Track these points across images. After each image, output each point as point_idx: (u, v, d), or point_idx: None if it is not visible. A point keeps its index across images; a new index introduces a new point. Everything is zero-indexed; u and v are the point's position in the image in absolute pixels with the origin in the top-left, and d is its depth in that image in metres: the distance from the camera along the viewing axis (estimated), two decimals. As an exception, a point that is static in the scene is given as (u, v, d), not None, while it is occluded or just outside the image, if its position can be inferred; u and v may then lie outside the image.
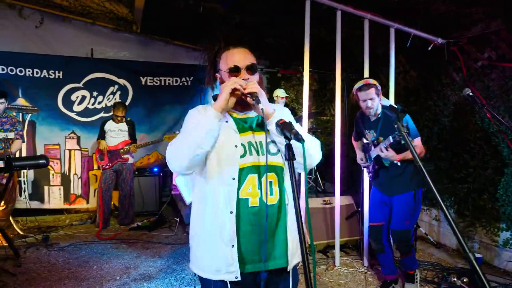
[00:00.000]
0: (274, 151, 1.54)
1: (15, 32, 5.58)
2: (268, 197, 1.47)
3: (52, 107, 5.52)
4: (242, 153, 1.50)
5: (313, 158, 1.56)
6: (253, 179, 1.48)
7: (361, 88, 2.97)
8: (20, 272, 3.63)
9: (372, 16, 3.57)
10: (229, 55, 1.53)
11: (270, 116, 1.45)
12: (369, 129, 3.14)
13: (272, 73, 7.00)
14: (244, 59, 1.51)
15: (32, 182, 5.50)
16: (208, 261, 1.50)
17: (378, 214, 3.20)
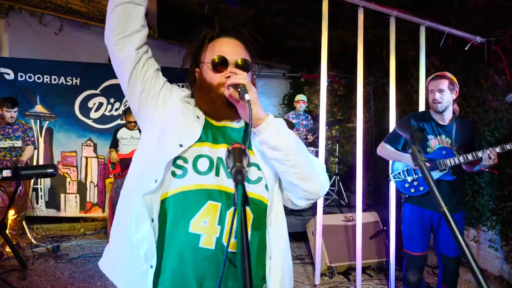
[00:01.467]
0: (254, 177, 1.11)
1: (35, 39, 5.57)
2: (232, 240, 1.02)
3: (69, 114, 5.45)
4: (205, 169, 1.08)
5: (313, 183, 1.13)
6: (212, 209, 1.04)
7: (433, 77, 2.60)
8: (23, 286, 3.50)
9: (399, 13, 3.19)
10: (216, 45, 1.17)
11: (262, 121, 1.07)
12: (434, 135, 2.63)
13: (295, 78, 6.69)
14: (235, 52, 1.15)
15: (49, 190, 5.44)
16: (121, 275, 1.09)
17: (422, 242, 2.67)
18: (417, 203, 2.69)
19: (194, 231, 1.02)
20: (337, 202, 5.02)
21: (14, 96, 4.95)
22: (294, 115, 5.72)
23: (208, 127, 1.17)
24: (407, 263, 2.76)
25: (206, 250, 1.01)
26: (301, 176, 1.09)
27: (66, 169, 5.51)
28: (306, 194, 1.13)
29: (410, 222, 2.73)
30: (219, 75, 1.13)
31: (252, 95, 1.05)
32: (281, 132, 1.09)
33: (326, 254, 3.56)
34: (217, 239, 1.02)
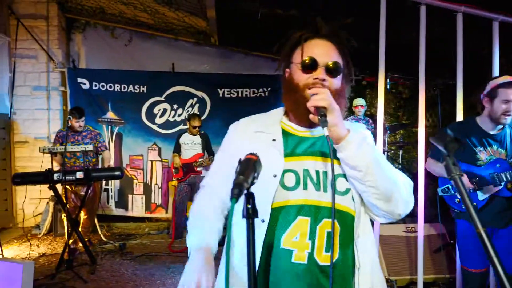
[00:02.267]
0: (342, 189, 1.08)
1: (108, 51, 6.05)
2: (322, 254, 1.03)
3: (137, 119, 5.81)
4: (292, 184, 1.07)
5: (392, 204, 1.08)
6: (302, 224, 1.03)
7: (504, 84, 2.30)
8: (91, 280, 3.77)
9: (467, 9, 2.94)
10: (308, 46, 1.12)
11: (342, 139, 1.03)
12: (483, 146, 2.40)
13: (357, 81, 6.46)
14: (327, 54, 1.10)
15: (118, 191, 5.84)
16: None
17: (479, 257, 2.44)
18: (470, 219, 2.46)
19: (285, 246, 1.03)
20: (399, 211, 4.75)
21: (88, 104, 5.42)
22: (353, 120, 5.53)
23: (289, 138, 1.16)
24: (466, 281, 2.56)
25: (298, 265, 1.02)
26: (380, 197, 1.05)
27: (133, 171, 5.87)
28: (384, 214, 1.10)
29: (465, 237, 2.53)
30: (307, 76, 1.11)
31: (331, 118, 1.02)
32: (360, 151, 1.04)
33: (385, 266, 3.37)
34: (309, 254, 1.03)
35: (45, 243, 4.97)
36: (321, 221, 1.04)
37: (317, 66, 1.09)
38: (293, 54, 1.17)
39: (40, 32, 5.70)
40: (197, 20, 5.45)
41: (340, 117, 1.05)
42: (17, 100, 5.72)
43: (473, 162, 2.43)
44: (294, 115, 1.18)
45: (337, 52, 1.14)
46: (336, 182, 1.07)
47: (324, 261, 1.03)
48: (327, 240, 1.04)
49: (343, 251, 1.07)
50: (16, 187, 5.71)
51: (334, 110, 1.02)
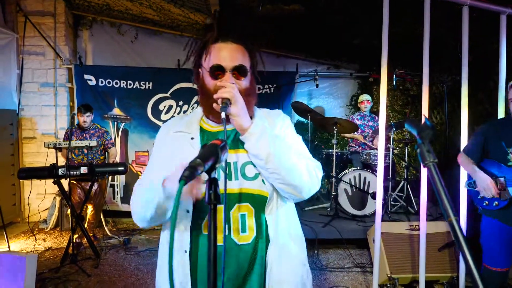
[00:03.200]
0: (251, 175, 1.20)
1: (114, 47, 6.08)
2: (239, 235, 1.16)
3: (142, 116, 5.83)
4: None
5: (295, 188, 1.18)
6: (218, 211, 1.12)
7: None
8: (95, 274, 3.80)
9: (473, 2, 2.87)
10: (214, 50, 1.20)
11: (244, 131, 1.14)
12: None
13: (363, 78, 6.40)
14: (232, 58, 1.18)
15: (124, 186, 5.87)
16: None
17: (503, 256, 2.46)
18: (495, 216, 2.46)
19: (205, 232, 1.18)
20: (405, 210, 4.69)
21: (94, 101, 5.46)
22: (359, 116, 5.48)
23: (205, 135, 1.27)
24: (487, 279, 2.51)
25: (219, 246, 1.08)
26: (282, 181, 1.16)
27: (139, 167, 5.90)
28: (289, 195, 1.21)
29: (489, 235, 2.52)
30: (216, 81, 1.18)
31: (234, 108, 1.10)
32: (260, 142, 1.13)
33: (387, 264, 3.33)
34: (226, 236, 1.15)
35: (51, 237, 5.03)
36: (234, 206, 1.16)
37: (224, 71, 1.18)
38: (201, 58, 1.24)
39: (48, 29, 5.75)
40: (202, 17, 5.44)
41: (243, 109, 1.12)
42: (25, 97, 5.78)
43: (503, 161, 2.44)
44: (210, 116, 1.28)
45: (243, 53, 1.21)
46: (245, 169, 1.20)
47: (242, 240, 1.16)
48: (241, 221, 1.17)
49: (259, 229, 1.19)
50: (24, 183, 5.78)
51: (237, 102, 1.11)
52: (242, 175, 1.19)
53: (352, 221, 4.43)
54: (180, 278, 1.17)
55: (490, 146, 2.52)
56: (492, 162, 2.50)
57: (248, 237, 1.18)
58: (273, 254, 1.19)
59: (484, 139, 2.54)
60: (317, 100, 6.55)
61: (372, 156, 4.82)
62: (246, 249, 1.17)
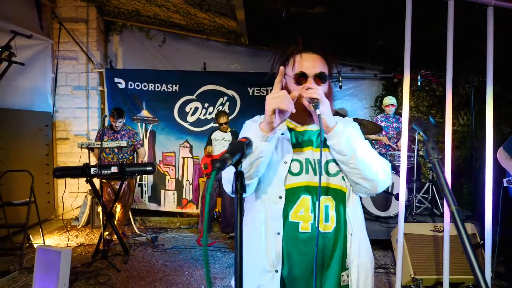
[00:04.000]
0: (333, 171, 1.35)
1: (143, 51, 6.30)
2: (323, 224, 1.30)
3: (169, 118, 6.00)
4: (297, 170, 1.34)
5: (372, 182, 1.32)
6: (305, 201, 1.31)
7: None
8: (124, 269, 3.96)
9: (498, 2, 2.84)
10: (298, 61, 1.34)
11: (331, 130, 1.27)
12: None
13: (388, 79, 6.35)
14: (314, 66, 1.32)
15: (151, 186, 6.06)
16: (250, 285, 1.33)
17: None
18: None
19: (293, 220, 1.31)
20: (430, 211, 4.64)
21: (124, 103, 5.67)
22: (383, 118, 5.45)
23: (292, 133, 1.42)
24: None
25: (304, 234, 1.29)
26: (361, 176, 1.29)
27: (166, 168, 6.07)
28: (366, 190, 1.34)
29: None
30: (300, 87, 1.31)
31: (323, 108, 1.23)
32: (346, 140, 1.26)
33: (410, 265, 3.32)
34: (312, 224, 1.29)
35: (83, 234, 5.26)
36: (320, 198, 1.26)
37: (307, 77, 1.31)
38: (286, 66, 1.37)
39: (81, 35, 6.02)
40: (227, 21, 5.56)
41: (329, 109, 1.26)
42: (59, 99, 6.07)
43: None
44: (295, 119, 1.42)
45: (323, 63, 1.35)
46: (328, 166, 1.35)
47: (325, 229, 1.30)
48: (325, 212, 1.30)
49: (338, 220, 1.32)
50: (57, 182, 6.06)
51: (325, 102, 1.24)
52: (326, 171, 1.34)
53: (376, 222, 4.42)
54: (272, 258, 1.29)
55: None
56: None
57: (329, 227, 1.31)
58: (354, 242, 1.33)
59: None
60: (341, 102, 6.55)
61: (396, 157, 4.79)
62: (328, 237, 1.31)
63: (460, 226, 0.79)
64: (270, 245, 1.30)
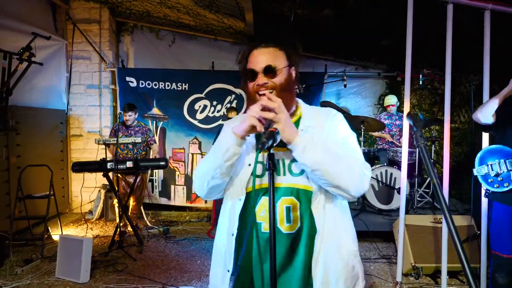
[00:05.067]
0: (296, 171, 1.31)
1: (153, 51, 6.52)
2: (284, 224, 1.28)
3: (179, 115, 6.22)
4: (260, 172, 1.33)
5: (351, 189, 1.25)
6: (265, 202, 1.27)
7: None
8: (139, 258, 4.19)
9: (495, 6, 3.03)
10: (250, 58, 1.34)
11: (290, 143, 1.22)
12: None
13: (391, 78, 6.54)
14: (261, 61, 1.30)
15: (162, 181, 6.29)
16: (211, 278, 1.44)
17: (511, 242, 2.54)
18: (505, 201, 2.57)
19: (258, 220, 1.31)
20: (431, 205, 4.83)
21: (135, 101, 5.89)
22: (386, 116, 5.64)
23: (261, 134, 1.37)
24: (496, 265, 2.64)
25: (265, 233, 1.29)
26: (328, 185, 1.24)
27: (176, 163, 6.29)
28: (337, 195, 1.29)
29: (499, 221, 2.61)
30: (253, 83, 1.32)
31: (279, 125, 1.18)
32: (307, 152, 1.21)
33: (411, 254, 3.52)
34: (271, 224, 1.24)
35: (97, 227, 5.49)
36: (279, 199, 1.28)
37: (256, 74, 1.30)
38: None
39: (93, 35, 6.24)
40: (235, 22, 5.75)
41: (287, 122, 1.20)
42: (73, 98, 6.30)
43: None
44: None
45: (275, 55, 1.31)
46: (291, 166, 1.31)
47: (287, 229, 1.28)
48: (286, 213, 1.28)
49: (305, 220, 1.29)
50: (72, 177, 6.30)
51: (280, 119, 1.18)
52: (289, 171, 1.31)
53: (379, 215, 4.63)
54: (225, 258, 1.35)
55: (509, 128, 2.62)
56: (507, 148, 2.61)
57: (292, 227, 1.28)
58: (320, 243, 1.27)
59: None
60: (345, 100, 6.74)
61: (399, 153, 4.98)
62: (291, 237, 1.29)
63: (440, 196, 0.98)
64: (224, 246, 1.34)
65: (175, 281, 3.62)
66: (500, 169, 2.59)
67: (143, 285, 3.49)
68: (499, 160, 2.61)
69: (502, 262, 2.59)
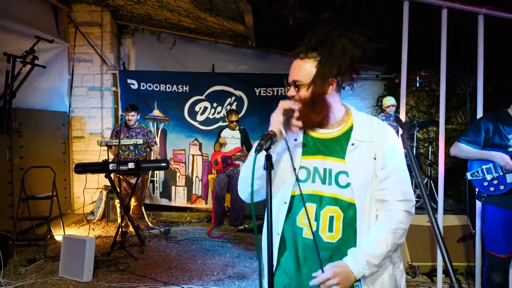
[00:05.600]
0: (343, 183, 1.32)
1: (154, 54, 6.60)
2: (326, 233, 1.31)
3: (180, 117, 6.29)
4: (304, 178, 1.36)
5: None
6: (310, 209, 1.32)
7: None
8: (141, 258, 4.26)
9: (488, 11, 3.10)
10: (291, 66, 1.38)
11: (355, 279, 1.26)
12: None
13: (389, 79, 6.61)
14: (291, 74, 1.34)
15: (163, 182, 6.36)
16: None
17: (507, 243, 2.62)
18: (500, 204, 2.64)
19: (299, 225, 1.36)
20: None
21: (136, 103, 5.96)
22: (384, 117, 5.71)
23: (308, 138, 1.40)
24: (491, 264, 2.71)
25: (307, 239, 1.33)
26: None
27: (176, 164, 6.37)
28: None
29: (494, 223, 2.67)
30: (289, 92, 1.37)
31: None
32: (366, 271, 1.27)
33: (408, 253, 3.59)
34: (315, 231, 1.31)
35: (99, 227, 5.55)
36: (324, 207, 1.31)
37: (289, 85, 1.36)
38: None
39: (95, 38, 6.32)
40: (235, 24, 5.83)
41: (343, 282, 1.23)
42: (75, 100, 6.37)
43: (504, 148, 2.62)
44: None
45: (302, 68, 1.31)
46: (338, 178, 1.32)
47: (328, 238, 1.31)
48: (329, 222, 1.31)
49: (345, 232, 1.30)
50: (73, 178, 6.37)
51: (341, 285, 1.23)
52: (336, 182, 1.32)
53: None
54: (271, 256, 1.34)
55: (490, 135, 2.69)
56: (494, 150, 2.68)
57: (333, 237, 1.30)
58: None
59: (486, 130, 2.70)
60: (344, 101, 6.58)
61: (396, 154, 5.04)
62: (332, 247, 1.30)
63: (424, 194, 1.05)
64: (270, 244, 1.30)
65: (176, 280, 3.69)
66: (495, 173, 2.65)
67: (145, 284, 3.56)
68: (493, 163, 2.67)
69: (497, 262, 2.67)
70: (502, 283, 2.67)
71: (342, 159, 1.31)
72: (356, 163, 1.31)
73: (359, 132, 1.36)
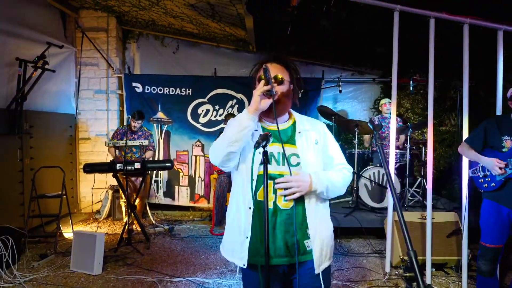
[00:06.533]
0: (294, 163, 1.70)
1: (158, 58, 6.83)
2: (282, 202, 1.67)
3: (183, 119, 6.51)
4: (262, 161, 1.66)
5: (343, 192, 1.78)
6: (269, 185, 1.65)
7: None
8: (147, 253, 4.47)
9: (473, 20, 3.32)
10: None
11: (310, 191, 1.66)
12: (510, 136, 2.85)
13: (386, 83, 6.83)
14: (277, 72, 1.69)
15: (166, 182, 6.57)
16: (228, 246, 1.81)
17: (497, 235, 2.89)
18: (493, 198, 2.91)
19: (259, 199, 1.69)
20: (421, 204, 5.11)
21: (141, 105, 6.19)
22: (380, 119, 5.92)
23: (265, 131, 1.74)
24: (480, 253, 2.98)
25: (269, 209, 1.66)
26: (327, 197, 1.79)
27: (180, 165, 6.58)
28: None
29: (487, 215, 2.96)
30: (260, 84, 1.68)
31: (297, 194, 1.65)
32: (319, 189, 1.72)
33: (400, 248, 3.80)
34: (274, 202, 1.67)
35: (105, 225, 5.76)
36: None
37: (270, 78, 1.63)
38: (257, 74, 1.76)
39: (101, 43, 6.54)
40: (237, 30, 6.05)
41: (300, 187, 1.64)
42: (82, 102, 6.59)
43: (498, 149, 2.88)
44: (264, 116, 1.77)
45: (282, 70, 1.71)
46: (290, 159, 1.71)
47: (284, 206, 1.67)
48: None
49: (297, 202, 1.67)
50: (80, 178, 6.59)
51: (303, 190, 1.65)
52: (288, 163, 1.66)
53: (371, 212, 4.90)
54: (244, 227, 1.68)
55: (489, 137, 2.95)
56: (489, 150, 2.94)
57: (288, 205, 1.67)
58: (311, 214, 1.70)
59: (485, 131, 2.97)
60: (342, 104, 7.03)
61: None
62: (288, 212, 1.67)
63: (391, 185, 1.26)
64: (242, 217, 1.69)
65: (181, 273, 3.90)
66: (487, 171, 2.93)
67: (152, 276, 3.77)
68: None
69: (486, 251, 2.94)
70: (489, 271, 2.92)
71: (293, 145, 1.72)
72: (304, 147, 1.73)
73: (301, 124, 1.80)
